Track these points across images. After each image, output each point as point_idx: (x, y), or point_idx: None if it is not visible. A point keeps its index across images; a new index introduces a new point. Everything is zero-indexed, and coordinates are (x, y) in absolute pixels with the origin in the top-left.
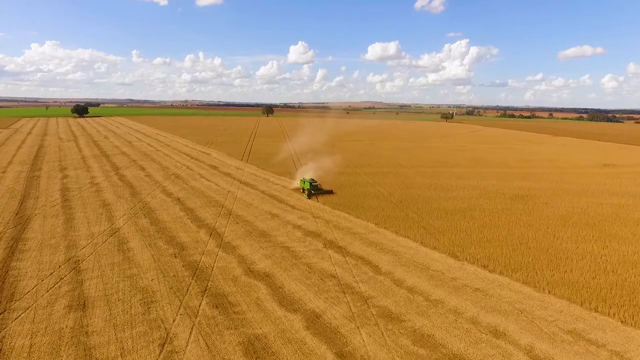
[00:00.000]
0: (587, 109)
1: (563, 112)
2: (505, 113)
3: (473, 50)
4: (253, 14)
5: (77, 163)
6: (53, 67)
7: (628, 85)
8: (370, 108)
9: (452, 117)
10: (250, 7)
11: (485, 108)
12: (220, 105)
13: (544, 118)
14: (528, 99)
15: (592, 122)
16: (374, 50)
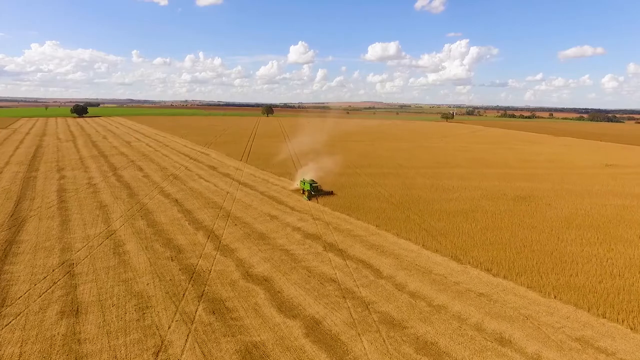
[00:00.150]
0: (587, 109)
1: (563, 112)
2: (506, 113)
3: (473, 50)
4: (253, 14)
5: (74, 164)
6: (53, 67)
7: (628, 85)
8: (371, 108)
9: (452, 117)
10: (250, 7)
11: (486, 108)
12: (220, 105)
13: (544, 118)
14: (528, 99)
15: (592, 122)
16: (374, 50)
